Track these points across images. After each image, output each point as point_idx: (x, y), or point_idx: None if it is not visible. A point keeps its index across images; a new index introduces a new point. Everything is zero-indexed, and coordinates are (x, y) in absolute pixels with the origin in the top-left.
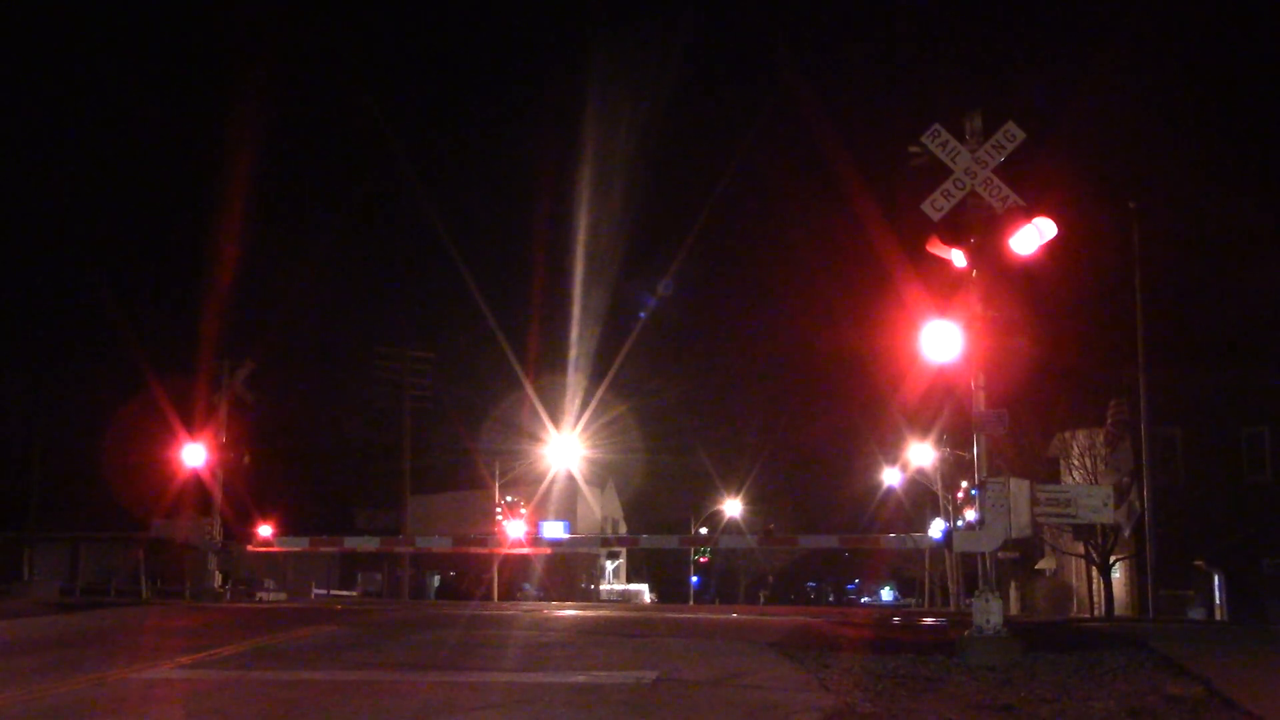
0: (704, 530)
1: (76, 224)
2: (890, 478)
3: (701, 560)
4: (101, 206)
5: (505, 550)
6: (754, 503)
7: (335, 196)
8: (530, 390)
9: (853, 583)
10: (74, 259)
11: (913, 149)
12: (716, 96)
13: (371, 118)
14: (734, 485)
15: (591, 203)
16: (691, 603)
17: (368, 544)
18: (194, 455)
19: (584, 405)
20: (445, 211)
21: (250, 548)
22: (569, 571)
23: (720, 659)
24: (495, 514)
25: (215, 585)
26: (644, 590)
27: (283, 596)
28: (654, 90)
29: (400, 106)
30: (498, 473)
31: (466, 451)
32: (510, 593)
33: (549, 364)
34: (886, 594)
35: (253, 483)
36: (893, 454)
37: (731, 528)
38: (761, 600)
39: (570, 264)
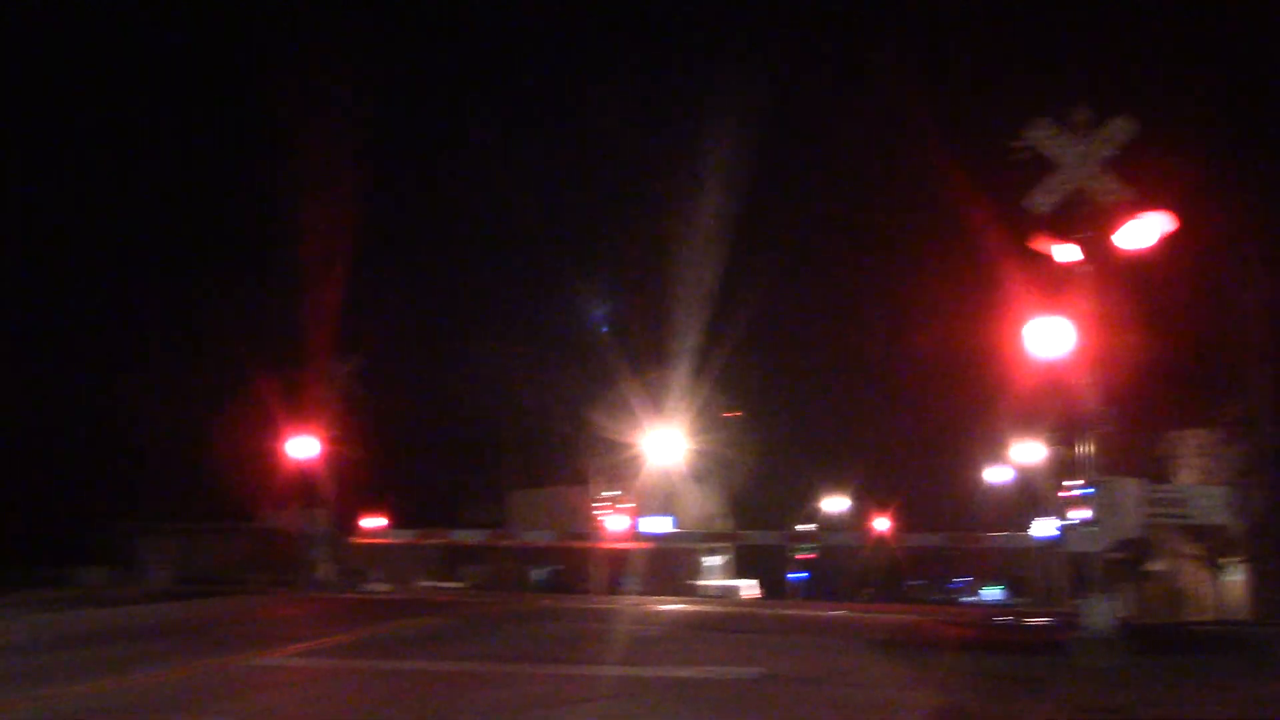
0: (808, 526)
1: (191, 215)
2: (995, 475)
3: (805, 557)
4: (213, 197)
5: (607, 544)
6: (860, 499)
7: (445, 187)
8: (633, 385)
9: (958, 581)
10: (186, 251)
11: (1017, 143)
12: (820, 86)
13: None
14: (840, 482)
15: (696, 198)
16: (796, 599)
17: (473, 537)
18: (304, 448)
19: (688, 399)
20: (545, 204)
21: (358, 539)
22: (671, 566)
23: (824, 656)
24: (595, 509)
25: (324, 575)
26: (749, 585)
27: (388, 587)
28: (758, 84)
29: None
30: (598, 468)
31: (567, 446)
32: (612, 587)
33: (652, 358)
34: (993, 593)
35: (360, 475)
36: (998, 451)
37: (837, 524)
38: (866, 598)
39: (673, 258)
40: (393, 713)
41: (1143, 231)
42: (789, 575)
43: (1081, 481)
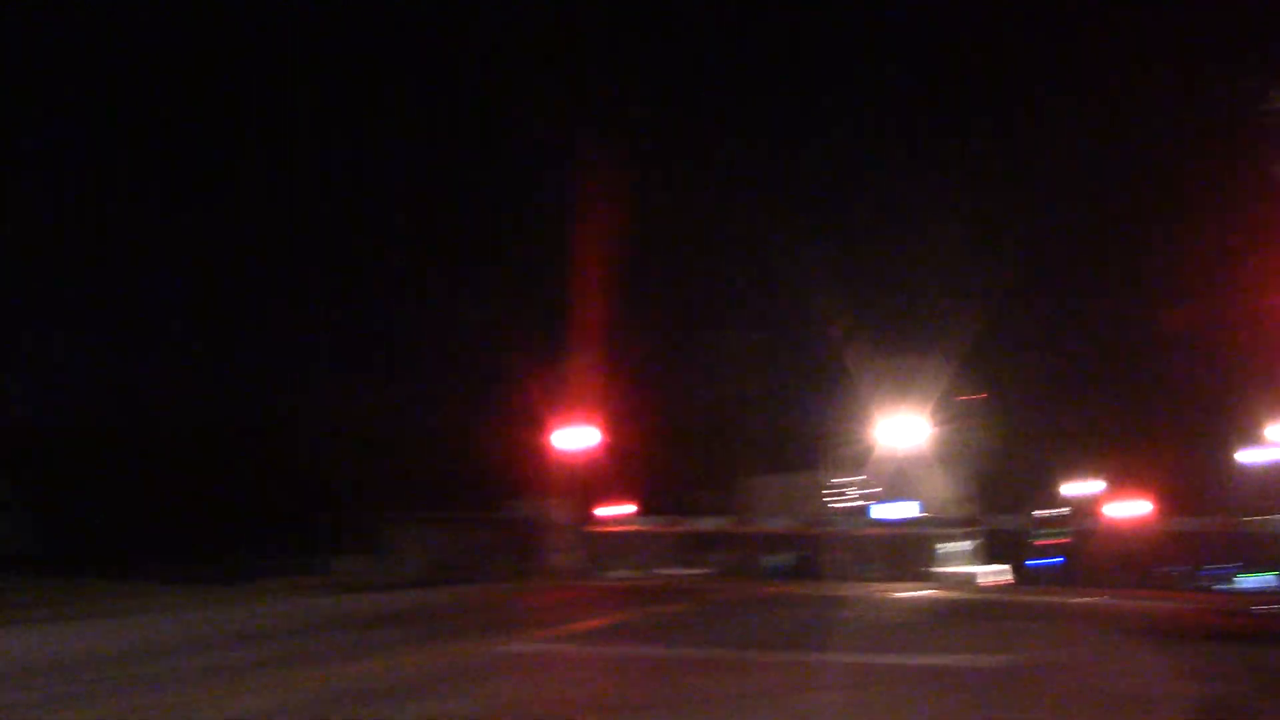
0: (1056, 511)
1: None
2: (1253, 456)
3: (1052, 542)
4: (493, 186)
5: (845, 530)
6: (1111, 483)
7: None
8: (866, 370)
9: (1215, 568)
10: (452, 249)
11: (1273, 95)
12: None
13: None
14: (1088, 465)
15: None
16: (1042, 585)
17: (716, 524)
18: (549, 439)
19: (930, 383)
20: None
21: (599, 527)
22: (910, 552)
23: (1076, 644)
24: (830, 495)
25: (567, 563)
26: (996, 571)
27: (629, 574)
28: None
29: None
30: (833, 454)
31: (801, 433)
32: (850, 573)
33: (889, 342)
34: (1258, 580)
35: (604, 465)
36: (1256, 432)
37: (1086, 508)
38: (1123, 584)
39: (916, 244)
40: (637, 698)
41: None
42: (1033, 561)
43: None
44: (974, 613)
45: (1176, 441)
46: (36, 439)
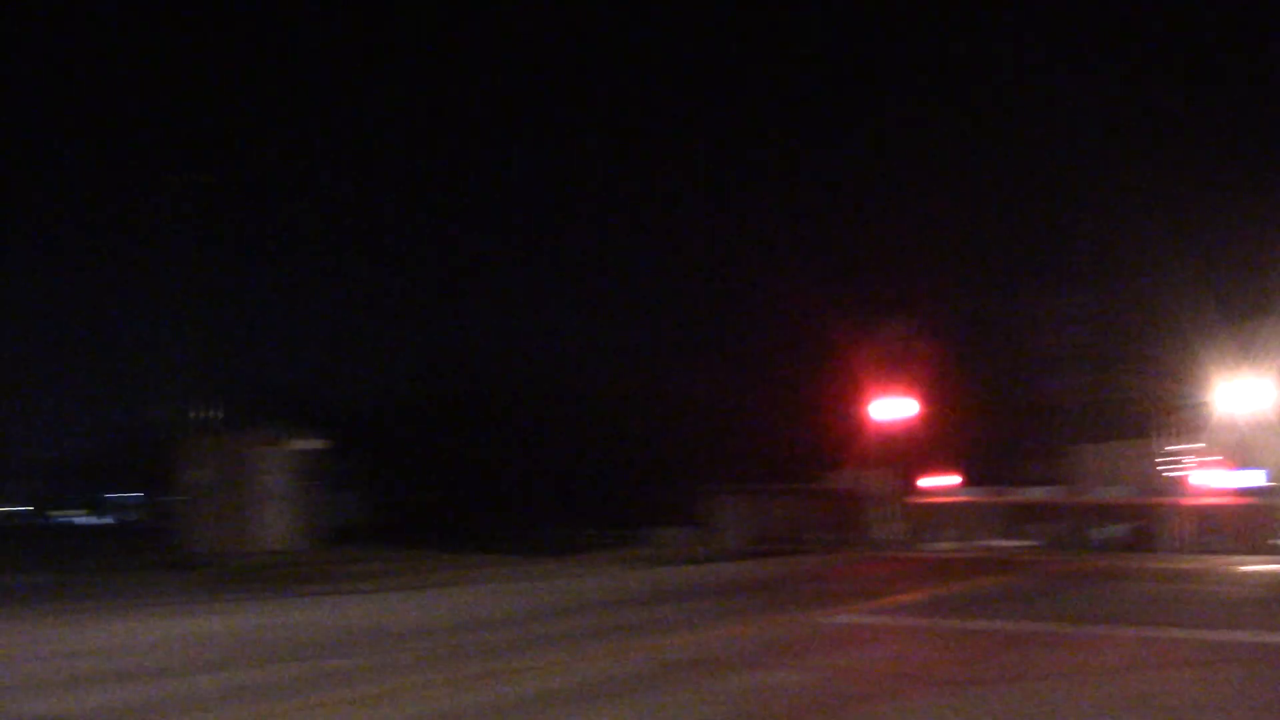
0: None
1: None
2: None
3: None
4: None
5: (1185, 501)
6: None
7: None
8: (1208, 332)
9: None
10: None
11: None
12: None
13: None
14: None
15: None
16: None
17: (1045, 495)
18: (870, 409)
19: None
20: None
21: (919, 498)
22: (1256, 523)
23: None
24: (1165, 463)
25: (887, 534)
26: None
27: (952, 546)
28: None
29: None
30: (1167, 420)
31: (1132, 399)
32: (1189, 545)
33: (1237, 303)
34: None
35: (926, 435)
36: None
37: None
38: None
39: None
40: (971, 671)
41: None
42: None
43: None
44: None
45: None
46: (369, 418)
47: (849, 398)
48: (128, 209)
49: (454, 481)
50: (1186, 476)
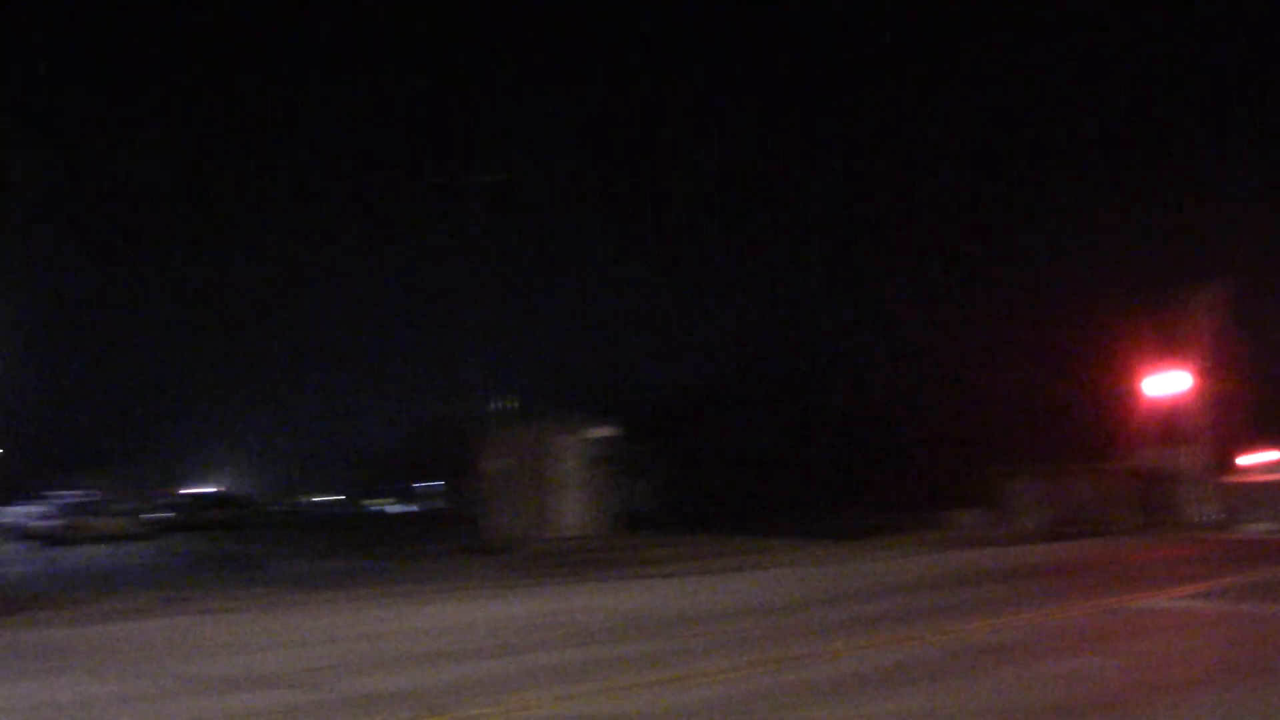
0: None
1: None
2: None
3: None
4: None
5: None
6: None
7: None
8: None
9: None
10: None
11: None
12: None
13: None
14: None
15: None
16: None
17: None
18: (1169, 383)
19: None
20: None
21: (1239, 478)
22: None
23: None
24: None
25: (1196, 516)
26: None
27: (1273, 527)
28: None
29: None
30: None
31: None
32: None
33: None
34: None
35: (1234, 410)
36: None
37: None
38: None
39: None
40: None
41: None
42: None
43: None
44: None
45: None
46: (658, 406)
47: (1149, 372)
48: (431, 209)
49: (742, 467)
50: None
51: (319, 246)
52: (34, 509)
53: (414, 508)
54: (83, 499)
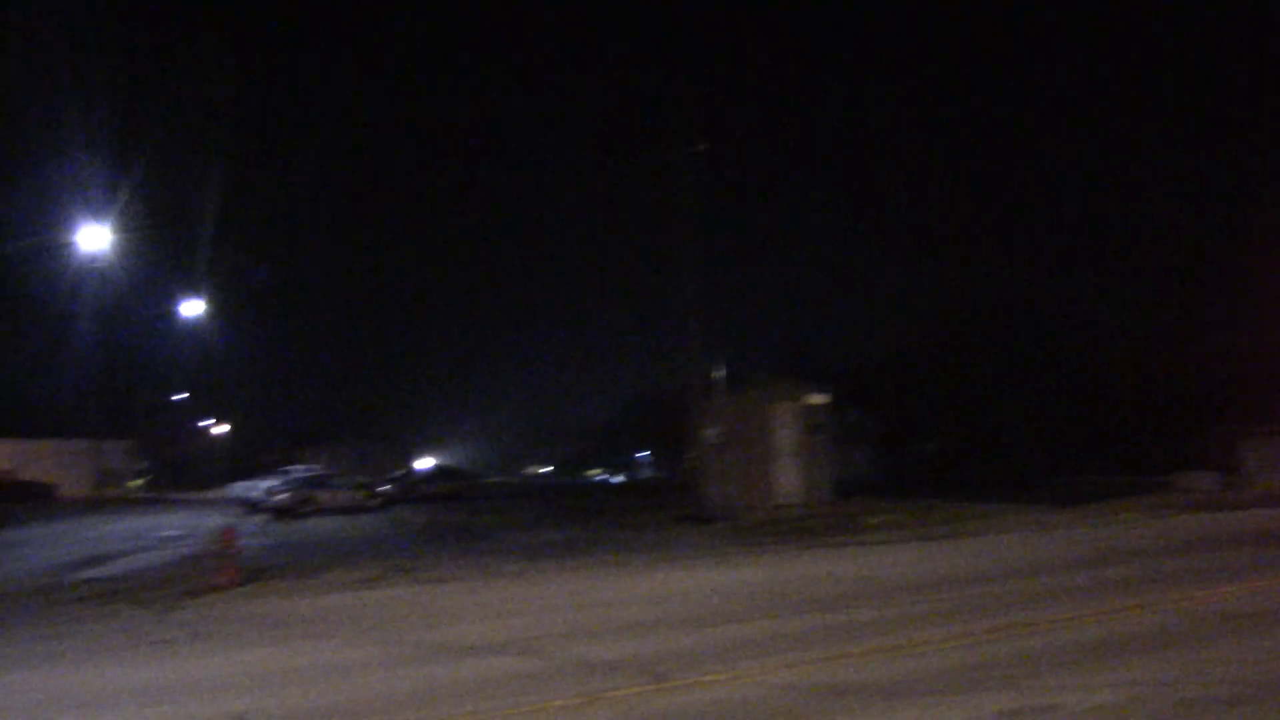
0: None
1: None
2: None
3: None
4: None
5: None
6: None
7: None
8: None
9: None
10: None
11: None
12: None
13: None
14: None
15: None
16: None
17: None
18: None
19: None
20: None
21: None
22: None
23: None
24: None
25: None
26: None
27: None
28: None
29: None
30: None
31: None
32: None
33: None
34: None
35: None
36: None
37: None
38: None
39: None
40: None
41: None
42: None
43: None
44: None
45: None
46: (870, 373)
47: None
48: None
49: (958, 432)
50: None
51: (538, 226)
52: (265, 483)
53: (621, 478)
54: (312, 473)
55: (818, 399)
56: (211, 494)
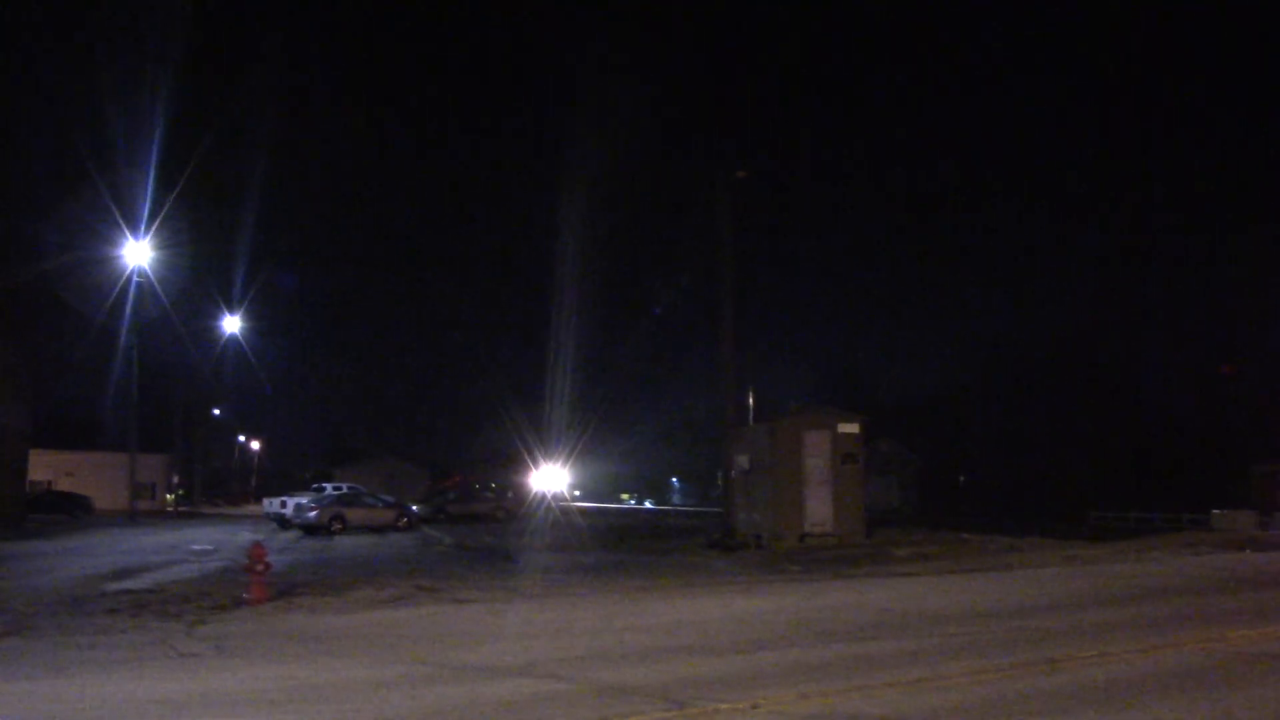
0: None
1: None
2: None
3: None
4: None
5: None
6: None
7: None
8: None
9: None
10: None
11: None
12: None
13: None
14: None
15: None
16: None
17: None
18: None
19: None
20: None
21: None
22: None
23: None
24: None
25: None
26: None
27: None
28: None
29: None
30: None
31: None
32: None
33: None
34: None
35: None
36: None
37: None
38: None
39: None
40: None
41: None
42: None
43: None
44: None
45: None
46: (901, 404)
47: None
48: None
49: (993, 466)
50: None
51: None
52: (296, 500)
53: (650, 504)
54: (343, 491)
55: (851, 428)
56: (244, 509)
